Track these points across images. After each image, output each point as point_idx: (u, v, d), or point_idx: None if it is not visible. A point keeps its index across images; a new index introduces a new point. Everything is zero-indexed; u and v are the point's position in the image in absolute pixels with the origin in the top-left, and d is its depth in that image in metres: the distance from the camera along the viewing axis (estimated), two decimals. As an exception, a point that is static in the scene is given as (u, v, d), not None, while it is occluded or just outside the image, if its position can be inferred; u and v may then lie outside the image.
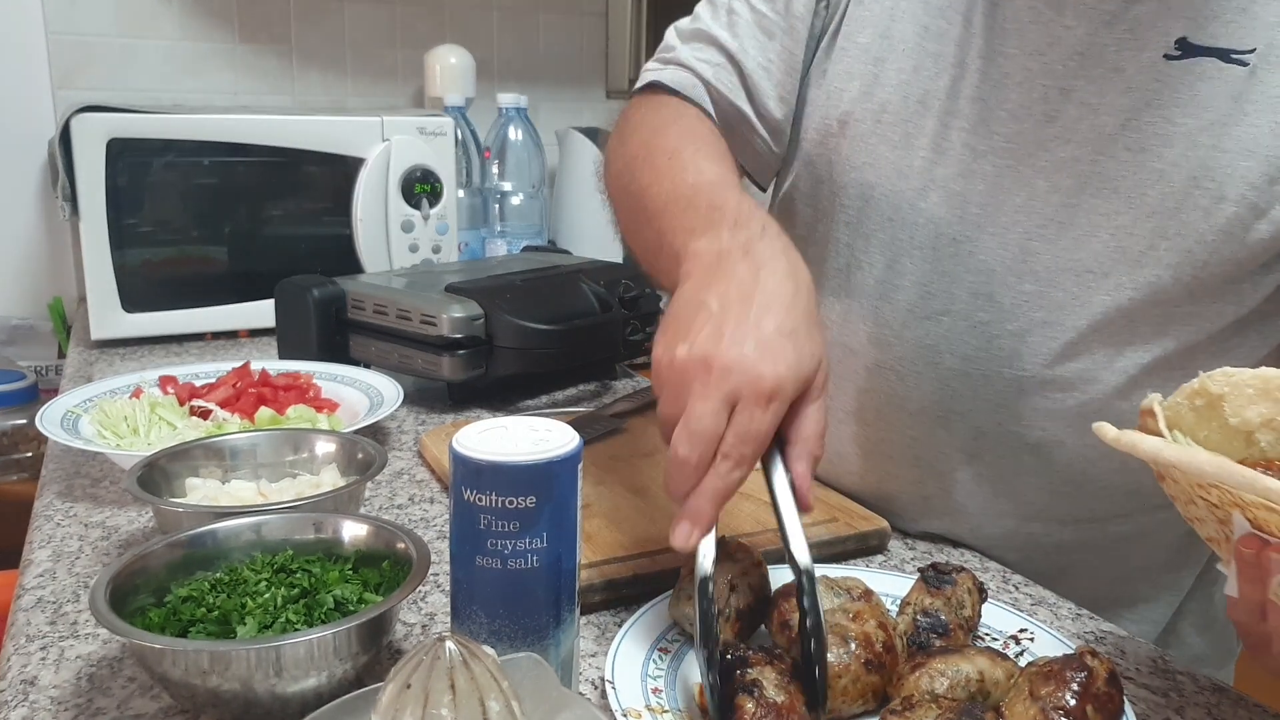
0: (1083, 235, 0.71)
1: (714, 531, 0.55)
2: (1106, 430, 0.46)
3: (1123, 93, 0.70)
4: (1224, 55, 0.68)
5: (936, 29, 0.75)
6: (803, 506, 0.56)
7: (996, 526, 0.79)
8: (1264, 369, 0.54)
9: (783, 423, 0.56)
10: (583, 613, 0.61)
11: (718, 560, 0.62)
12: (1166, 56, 0.69)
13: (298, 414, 0.93)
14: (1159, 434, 0.52)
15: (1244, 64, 0.67)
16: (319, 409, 0.96)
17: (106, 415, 0.90)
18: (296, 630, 0.55)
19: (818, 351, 0.57)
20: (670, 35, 0.88)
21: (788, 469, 0.57)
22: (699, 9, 0.87)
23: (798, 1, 0.81)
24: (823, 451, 0.58)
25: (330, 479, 0.75)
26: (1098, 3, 0.70)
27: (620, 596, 0.68)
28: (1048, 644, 0.61)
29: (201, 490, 0.73)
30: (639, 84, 0.87)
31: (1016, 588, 0.74)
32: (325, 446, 0.78)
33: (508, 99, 1.80)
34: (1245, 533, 0.46)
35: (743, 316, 0.55)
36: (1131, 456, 0.50)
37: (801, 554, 0.54)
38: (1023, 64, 0.72)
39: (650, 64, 0.87)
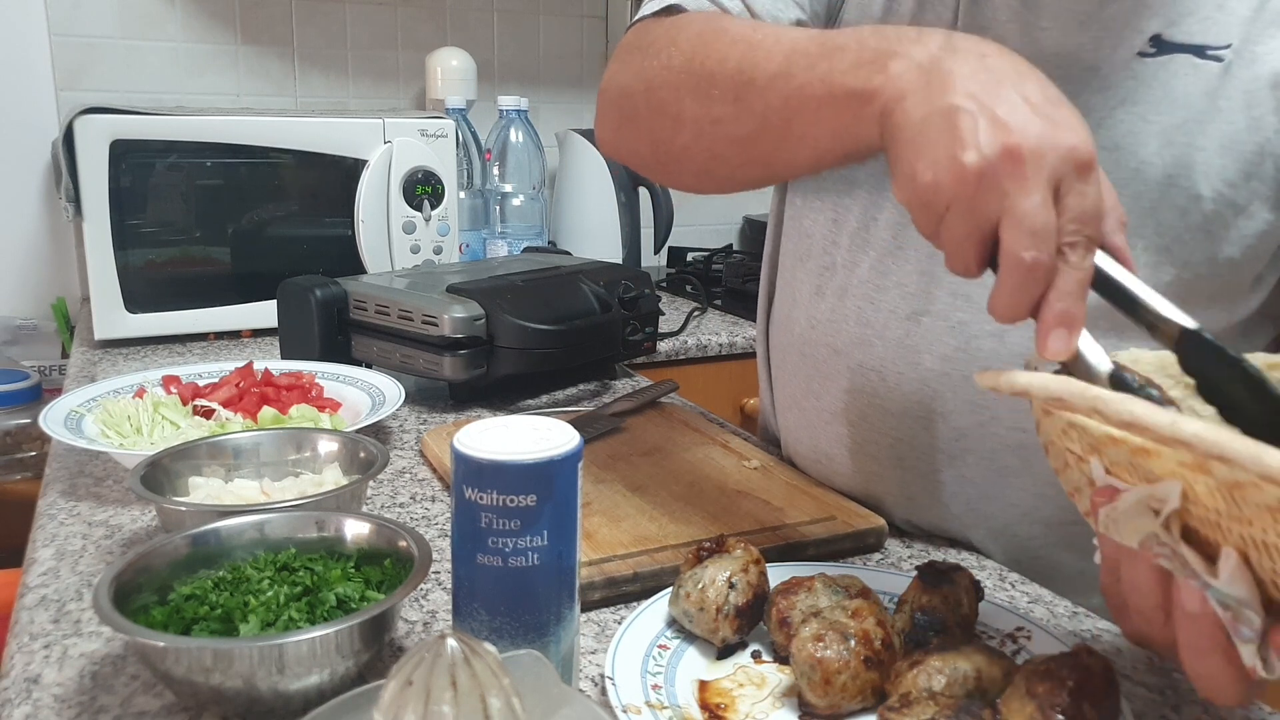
0: None
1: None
2: (981, 377, 0.44)
3: (1098, 91, 0.69)
4: (1199, 51, 0.67)
5: (926, 25, 0.75)
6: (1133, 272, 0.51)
7: (983, 528, 0.79)
8: (1163, 351, 0.52)
9: None
10: (583, 610, 0.62)
11: (719, 554, 0.63)
12: (1141, 54, 0.68)
13: (300, 413, 0.94)
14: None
15: (1219, 60, 0.67)
16: (321, 408, 0.97)
17: (110, 415, 0.91)
18: (299, 628, 0.55)
19: (1077, 110, 0.50)
20: None
21: (1103, 246, 0.51)
22: None
23: None
24: (1126, 216, 0.52)
25: (332, 478, 0.76)
26: (1073, 3, 0.69)
27: (620, 594, 0.68)
28: (1044, 642, 0.61)
29: (204, 489, 0.73)
30: (649, 10, 0.77)
31: (1013, 586, 0.74)
32: (328, 446, 0.78)
33: (508, 101, 1.81)
34: (1101, 484, 0.44)
35: (1009, 98, 0.48)
36: None
37: (1177, 314, 0.49)
38: None
39: None
